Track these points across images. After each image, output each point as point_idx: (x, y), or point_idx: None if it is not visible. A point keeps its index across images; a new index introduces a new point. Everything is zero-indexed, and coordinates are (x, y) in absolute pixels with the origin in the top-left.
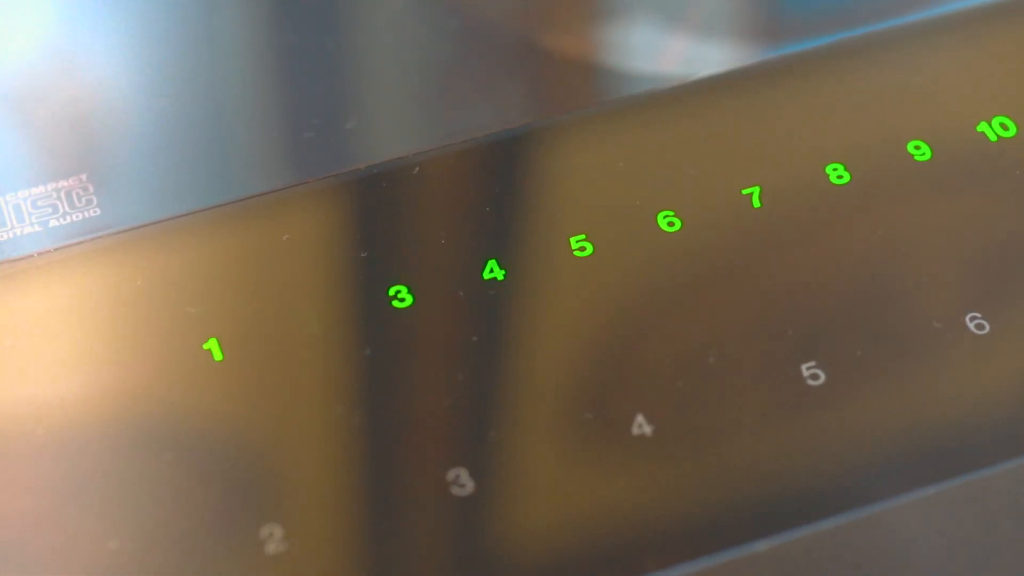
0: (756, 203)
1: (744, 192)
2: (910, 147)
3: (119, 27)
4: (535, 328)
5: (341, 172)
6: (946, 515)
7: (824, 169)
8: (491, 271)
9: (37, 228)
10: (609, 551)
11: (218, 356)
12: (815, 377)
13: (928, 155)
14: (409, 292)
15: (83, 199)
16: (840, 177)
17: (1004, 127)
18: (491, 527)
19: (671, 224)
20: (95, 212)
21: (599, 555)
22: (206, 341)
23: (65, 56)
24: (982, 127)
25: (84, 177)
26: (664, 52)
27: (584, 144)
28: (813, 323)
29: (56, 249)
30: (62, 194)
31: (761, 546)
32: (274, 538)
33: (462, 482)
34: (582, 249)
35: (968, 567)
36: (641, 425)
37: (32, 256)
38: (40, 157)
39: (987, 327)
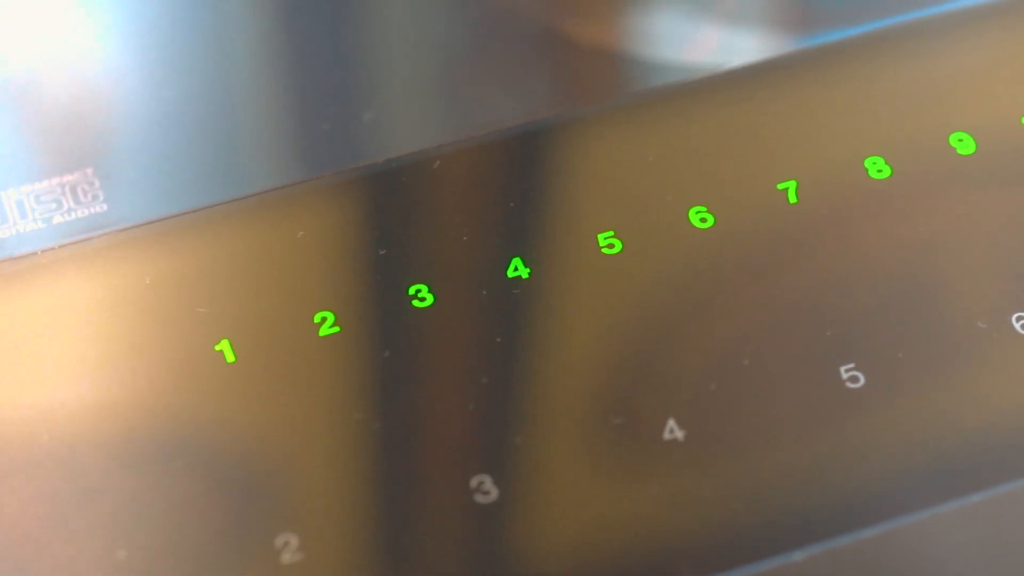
0: (792, 198)
1: (780, 187)
2: (953, 140)
3: (127, 15)
4: (562, 329)
5: (358, 166)
6: (993, 523)
7: (863, 163)
8: (515, 269)
9: (41, 224)
10: (639, 561)
11: (230, 358)
12: (855, 380)
13: (972, 148)
14: (430, 291)
15: (89, 194)
16: (880, 171)
17: None
18: (516, 536)
19: (703, 220)
20: (101, 208)
21: (628, 566)
22: (218, 342)
23: (70, 44)
24: None
25: (90, 171)
26: (695, 41)
27: (612, 137)
28: (852, 323)
29: (61, 246)
30: (67, 189)
31: (798, 556)
32: (290, 547)
33: (486, 489)
34: (611, 246)
35: None
36: (672, 430)
37: (36, 254)
38: (44, 150)
39: None
